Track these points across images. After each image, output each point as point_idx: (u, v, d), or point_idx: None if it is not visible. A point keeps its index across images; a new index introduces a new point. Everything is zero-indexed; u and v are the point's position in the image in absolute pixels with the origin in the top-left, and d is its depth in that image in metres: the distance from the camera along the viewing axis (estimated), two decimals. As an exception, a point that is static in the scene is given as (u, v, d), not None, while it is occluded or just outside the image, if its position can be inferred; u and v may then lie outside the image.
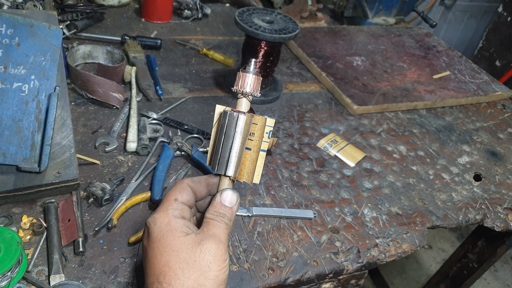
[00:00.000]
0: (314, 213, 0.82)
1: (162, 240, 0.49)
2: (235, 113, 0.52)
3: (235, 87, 0.53)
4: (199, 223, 0.56)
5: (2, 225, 0.67)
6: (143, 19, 1.38)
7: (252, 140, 0.54)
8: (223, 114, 0.53)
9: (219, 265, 0.48)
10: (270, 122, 0.54)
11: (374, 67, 1.36)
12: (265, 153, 0.55)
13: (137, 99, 1.00)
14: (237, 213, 0.78)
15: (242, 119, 0.51)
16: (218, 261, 0.48)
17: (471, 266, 1.31)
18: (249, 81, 0.52)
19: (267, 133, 0.54)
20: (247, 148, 0.54)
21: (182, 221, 0.51)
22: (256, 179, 0.55)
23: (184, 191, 0.54)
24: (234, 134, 0.52)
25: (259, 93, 0.54)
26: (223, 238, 0.50)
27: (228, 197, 0.53)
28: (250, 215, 0.79)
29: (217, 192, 0.54)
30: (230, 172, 0.52)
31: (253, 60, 0.53)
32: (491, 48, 2.92)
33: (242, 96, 0.53)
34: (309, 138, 1.02)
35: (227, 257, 0.49)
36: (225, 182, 0.54)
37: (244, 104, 0.53)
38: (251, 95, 0.53)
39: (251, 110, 0.55)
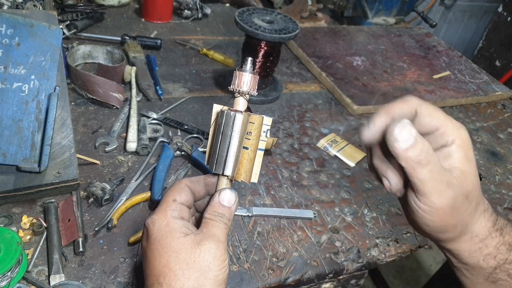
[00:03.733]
0: (314, 213, 0.82)
1: (162, 241, 0.49)
2: (232, 112, 0.51)
3: (232, 86, 0.53)
4: (198, 223, 0.56)
5: (2, 225, 0.67)
6: (143, 19, 1.38)
7: (249, 139, 0.53)
8: (220, 114, 0.53)
9: (218, 265, 0.48)
10: (267, 120, 0.54)
11: (374, 67, 1.36)
12: (263, 152, 0.55)
13: (137, 99, 1.00)
14: (237, 213, 0.78)
15: (239, 118, 0.51)
16: (217, 261, 0.48)
17: (471, 266, 1.31)
18: (245, 80, 0.52)
19: (264, 132, 0.54)
20: (244, 147, 0.53)
21: (181, 221, 0.51)
22: (254, 178, 0.55)
23: (182, 191, 0.53)
24: (232, 133, 0.51)
25: (256, 92, 0.54)
26: (222, 238, 0.50)
27: (227, 197, 0.52)
28: (250, 215, 0.79)
29: (215, 192, 0.54)
30: (228, 171, 0.52)
31: (250, 58, 0.53)
32: (491, 48, 2.92)
33: (239, 95, 0.53)
34: (309, 138, 1.02)
35: (227, 257, 0.49)
36: (223, 182, 0.54)
37: (241, 103, 0.53)
38: (248, 94, 0.53)
39: (248, 109, 0.54)
